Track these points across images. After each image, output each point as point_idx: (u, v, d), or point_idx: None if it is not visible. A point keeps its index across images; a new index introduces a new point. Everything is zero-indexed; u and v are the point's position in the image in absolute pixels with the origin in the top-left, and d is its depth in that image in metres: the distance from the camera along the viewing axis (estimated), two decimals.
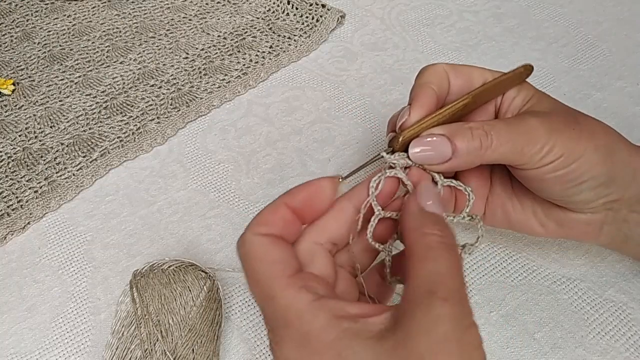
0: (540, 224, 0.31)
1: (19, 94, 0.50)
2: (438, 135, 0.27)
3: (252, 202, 0.41)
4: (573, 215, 0.30)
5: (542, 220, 0.31)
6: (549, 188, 0.29)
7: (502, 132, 0.27)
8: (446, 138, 0.27)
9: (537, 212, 0.31)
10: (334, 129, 0.46)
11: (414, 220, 0.24)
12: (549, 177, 0.28)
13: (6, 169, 0.43)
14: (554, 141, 0.27)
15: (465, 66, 0.30)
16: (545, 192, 0.29)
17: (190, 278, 0.33)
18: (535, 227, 0.32)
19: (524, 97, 0.30)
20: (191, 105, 0.47)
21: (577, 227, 0.31)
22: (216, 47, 0.53)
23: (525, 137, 0.27)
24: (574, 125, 0.28)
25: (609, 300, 0.35)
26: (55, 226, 0.40)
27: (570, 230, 0.31)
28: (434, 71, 0.30)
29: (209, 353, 0.31)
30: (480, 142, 0.27)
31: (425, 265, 0.22)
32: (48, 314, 0.36)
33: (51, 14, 0.58)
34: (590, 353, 0.32)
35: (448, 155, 0.27)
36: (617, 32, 0.53)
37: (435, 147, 0.27)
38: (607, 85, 0.48)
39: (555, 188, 0.29)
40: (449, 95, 0.30)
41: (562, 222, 0.31)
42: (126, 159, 0.44)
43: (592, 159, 0.28)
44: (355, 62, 0.51)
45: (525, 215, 0.32)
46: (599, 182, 0.28)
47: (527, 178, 0.29)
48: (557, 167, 0.27)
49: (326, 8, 0.55)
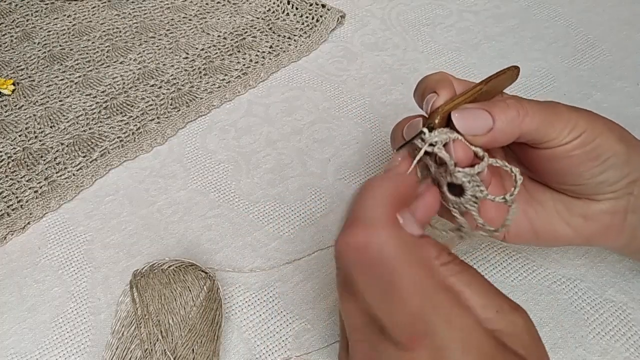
0: (566, 222, 0.31)
1: (19, 94, 0.50)
2: (476, 108, 0.27)
3: (252, 202, 0.41)
4: (597, 205, 0.30)
5: (567, 218, 0.31)
6: (576, 167, 0.29)
7: (532, 103, 0.28)
8: (484, 110, 0.27)
9: (560, 210, 0.31)
10: (334, 129, 0.46)
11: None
12: (578, 154, 0.28)
13: (6, 169, 0.43)
14: (576, 118, 0.28)
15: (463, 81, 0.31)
16: (572, 173, 0.29)
17: (190, 278, 0.33)
18: (561, 229, 0.31)
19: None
20: (191, 105, 0.47)
21: (602, 219, 0.30)
22: (216, 47, 0.53)
23: (553, 111, 0.28)
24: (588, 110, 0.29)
25: (609, 300, 0.35)
26: (55, 226, 0.40)
27: (596, 223, 0.30)
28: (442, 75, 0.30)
29: (209, 353, 0.31)
30: (517, 111, 0.27)
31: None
32: (48, 314, 0.36)
33: (51, 14, 0.58)
34: (590, 353, 0.32)
35: (489, 124, 0.27)
36: (617, 32, 0.53)
37: (477, 117, 0.27)
38: (607, 85, 0.48)
39: (583, 166, 0.28)
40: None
41: (587, 215, 0.30)
42: (126, 159, 0.44)
43: (610, 137, 0.28)
44: (355, 62, 0.51)
45: (549, 216, 0.31)
46: (621, 159, 0.28)
47: (555, 158, 0.29)
48: (584, 141, 0.28)
49: (326, 8, 0.55)
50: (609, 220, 0.30)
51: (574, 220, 0.31)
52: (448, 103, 0.27)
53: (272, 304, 0.35)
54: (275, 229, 0.39)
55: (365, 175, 0.42)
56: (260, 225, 0.40)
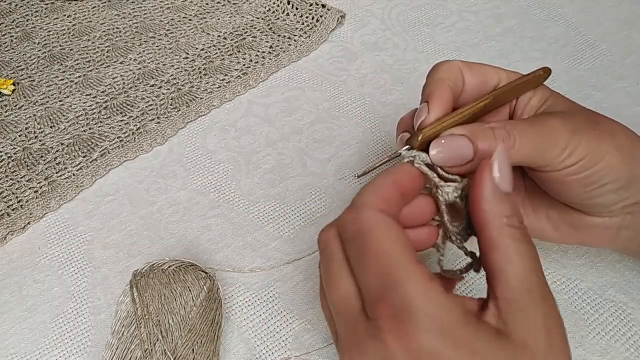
0: (554, 228, 0.30)
1: (19, 94, 0.50)
2: (459, 135, 0.26)
3: (252, 202, 0.41)
4: (590, 220, 0.29)
5: (557, 225, 0.30)
6: (570, 191, 0.28)
7: (525, 132, 0.26)
8: (467, 139, 0.26)
9: (551, 217, 0.30)
10: (334, 129, 0.46)
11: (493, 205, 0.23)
12: (571, 180, 0.27)
13: (6, 169, 0.43)
14: (576, 142, 0.26)
15: (480, 65, 0.30)
16: (565, 195, 0.28)
17: (190, 278, 0.33)
18: (548, 232, 0.31)
19: (540, 97, 0.29)
20: (191, 105, 0.47)
21: (593, 232, 0.30)
22: (216, 47, 0.53)
23: (548, 139, 0.26)
24: (594, 125, 0.27)
25: (609, 300, 0.35)
26: (55, 226, 0.40)
27: (586, 235, 0.30)
28: (449, 68, 0.29)
29: (209, 353, 0.31)
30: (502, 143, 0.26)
31: (517, 261, 0.21)
32: (48, 314, 0.36)
33: (51, 14, 0.58)
34: (590, 353, 0.32)
35: (469, 156, 0.26)
36: (617, 32, 0.53)
37: (456, 148, 0.26)
38: (607, 85, 0.48)
39: (577, 191, 0.27)
40: (463, 94, 0.29)
41: (577, 226, 0.30)
42: (126, 159, 0.44)
43: (614, 160, 0.27)
44: (355, 62, 0.51)
45: (539, 220, 0.31)
46: (620, 184, 0.27)
47: (548, 181, 0.28)
48: (580, 168, 0.26)
49: (326, 8, 0.55)
50: (600, 234, 0.30)
51: (563, 228, 0.30)
52: (438, 122, 0.26)
53: (272, 304, 0.35)
54: (275, 229, 0.39)
55: (365, 175, 0.42)
56: (260, 225, 0.40)
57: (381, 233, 0.22)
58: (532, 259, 0.22)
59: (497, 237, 0.22)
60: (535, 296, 0.21)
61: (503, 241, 0.22)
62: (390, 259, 0.21)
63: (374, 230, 0.22)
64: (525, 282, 0.21)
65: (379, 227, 0.22)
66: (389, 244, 0.22)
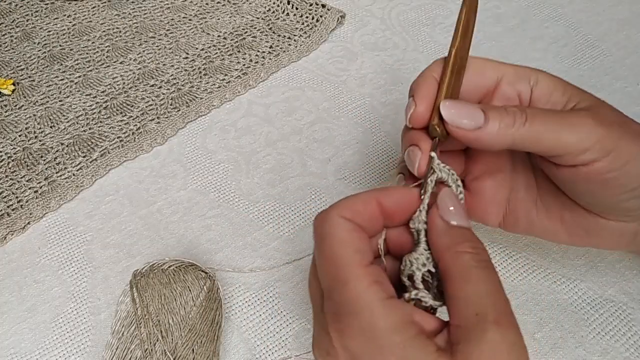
0: (568, 232, 0.29)
1: (19, 94, 0.50)
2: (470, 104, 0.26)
3: (252, 202, 0.41)
4: (605, 223, 0.28)
5: (570, 228, 0.29)
6: (597, 192, 0.26)
7: (538, 113, 0.25)
8: (479, 108, 0.25)
9: (565, 220, 0.29)
10: (334, 129, 0.46)
11: (443, 237, 0.23)
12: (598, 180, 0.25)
13: (6, 169, 0.43)
14: (602, 134, 0.24)
15: (482, 60, 0.29)
16: (590, 197, 0.27)
17: (190, 278, 0.33)
18: (561, 235, 0.30)
19: (563, 91, 0.28)
20: (191, 105, 0.47)
21: (608, 237, 0.28)
22: (216, 47, 0.53)
23: (567, 122, 0.25)
24: (623, 124, 0.26)
25: (609, 300, 0.35)
26: (55, 226, 0.40)
27: (599, 239, 0.29)
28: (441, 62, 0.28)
29: (209, 353, 0.31)
30: (514, 117, 0.25)
31: (467, 287, 0.21)
32: (48, 314, 0.36)
33: (51, 14, 0.58)
34: (590, 353, 0.32)
35: (480, 121, 0.25)
36: (617, 32, 0.53)
37: (469, 111, 0.25)
38: (607, 85, 0.48)
39: (604, 193, 0.26)
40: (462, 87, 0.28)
41: (592, 230, 0.28)
42: (126, 159, 0.44)
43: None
44: (355, 62, 0.51)
45: (552, 223, 0.29)
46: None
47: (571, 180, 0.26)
48: (607, 167, 0.25)
49: (326, 8, 0.55)
50: (615, 238, 0.29)
51: (577, 232, 0.29)
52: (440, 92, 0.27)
53: (272, 304, 0.35)
54: (275, 229, 0.39)
55: (365, 175, 0.42)
56: (260, 225, 0.40)
57: (336, 236, 0.23)
58: (486, 282, 0.22)
59: (450, 266, 0.22)
60: (488, 320, 0.20)
61: (454, 269, 0.22)
62: (338, 261, 0.23)
63: (331, 233, 0.23)
64: (474, 306, 0.21)
65: (335, 231, 0.23)
66: (339, 247, 0.23)
